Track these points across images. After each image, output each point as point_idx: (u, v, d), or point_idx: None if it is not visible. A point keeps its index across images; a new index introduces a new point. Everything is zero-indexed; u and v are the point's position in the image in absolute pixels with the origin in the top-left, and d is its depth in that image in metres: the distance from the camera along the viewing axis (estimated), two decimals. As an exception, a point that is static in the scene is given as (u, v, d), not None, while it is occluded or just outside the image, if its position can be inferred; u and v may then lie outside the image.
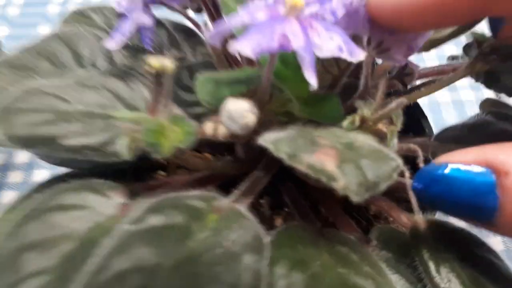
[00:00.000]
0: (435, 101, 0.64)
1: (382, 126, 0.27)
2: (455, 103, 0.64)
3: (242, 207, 0.25)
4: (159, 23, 0.39)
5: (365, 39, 0.28)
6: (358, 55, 0.24)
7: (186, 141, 0.25)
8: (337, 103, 0.32)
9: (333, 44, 0.24)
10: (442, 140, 0.30)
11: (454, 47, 0.61)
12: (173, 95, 0.35)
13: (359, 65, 0.35)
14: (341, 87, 0.34)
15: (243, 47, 0.22)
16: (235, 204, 0.25)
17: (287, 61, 0.32)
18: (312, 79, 0.23)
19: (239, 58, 0.35)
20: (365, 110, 0.26)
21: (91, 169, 0.33)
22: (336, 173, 0.20)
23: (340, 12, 0.26)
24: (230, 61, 0.37)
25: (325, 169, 0.21)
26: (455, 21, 0.25)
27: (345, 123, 0.26)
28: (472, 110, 0.63)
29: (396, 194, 0.38)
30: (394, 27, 0.27)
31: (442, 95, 0.65)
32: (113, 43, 0.29)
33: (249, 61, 0.35)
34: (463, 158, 0.22)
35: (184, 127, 0.25)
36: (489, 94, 0.44)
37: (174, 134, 0.25)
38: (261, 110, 0.27)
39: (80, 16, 0.38)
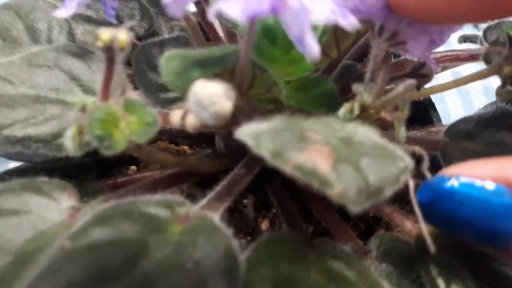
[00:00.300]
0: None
1: (386, 115, 0.23)
2: (460, 91, 0.59)
3: (215, 215, 0.20)
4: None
5: (376, 27, 0.23)
6: (351, 20, 0.20)
7: (144, 133, 0.20)
8: (332, 89, 0.27)
9: (325, 7, 0.19)
10: (455, 135, 0.26)
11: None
12: (141, 77, 0.30)
13: (363, 49, 0.30)
14: (338, 71, 0.29)
15: (231, 8, 0.17)
16: (207, 210, 0.21)
17: (274, 35, 0.27)
18: (313, 48, 0.18)
19: (219, 32, 0.30)
20: (365, 95, 0.21)
21: (45, 163, 0.29)
22: (330, 177, 0.16)
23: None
24: (211, 36, 0.32)
25: (317, 171, 0.16)
26: (501, 13, 0.20)
27: (342, 111, 0.21)
28: (477, 99, 0.58)
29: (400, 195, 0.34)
30: (423, 20, 0.22)
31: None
32: (65, 11, 0.24)
33: (231, 36, 0.30)
34: (478, 172, 0.18)
35: (142, 116, 0.20)
36: (497, 81, 0.40)
37: (130, 125, 0.20)
38: (241, 95, 0.22)
39: (37, -17, 0.33)
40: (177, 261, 0.17)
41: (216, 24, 0.31)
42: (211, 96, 0.17)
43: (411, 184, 0.19)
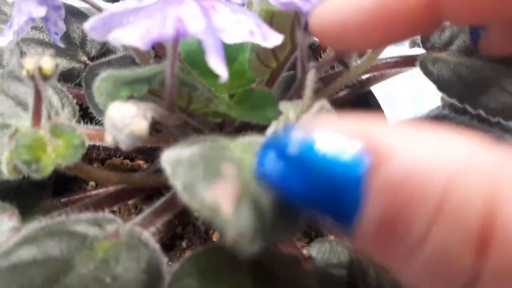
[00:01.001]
0: (391, 90, 0.59)
1: None
2: (412, 92, 0.59)
3: (146, 231, 0.21)
4: (80, 13, 0.34)
5: (302, 20, 0.23)
6: (273, 39, 0.20)
7: (71, 156, 0.21)
8: (272, 100, 0.27)
9: (241, 27, 0.20)
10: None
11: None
12: (90, 96, 0.30)
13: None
14: (281, 82, 0.29)
15: (128, 36, 0.18)
16: (139, 227, 0.21)
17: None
18: (219, 69, 0.19)
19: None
20: (290, 112, 0.21)
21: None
22: (229, 219, 0.16)
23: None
24: (159, 53, 0.33)
25: (219, 212, 0.16)
26: (405, 34, 0.22)
27: (268, 130, 0.22)
28: (430, 100, 0.58)
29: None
30: (342, 49, 0.24)
31: (398, 84, 0.59)
32: (3, 40, 0.25)
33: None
34: (334, 126, 0.14)
35: (69, 140, 0.21)
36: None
37: (56, 148, 0.20)
38: (171, 112, 0.23)
39: (-10, 9, 0.34)
40: (97, 276, 0.18)
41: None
42: (124, 118, 0.18)
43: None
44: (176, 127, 0.25)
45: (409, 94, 0.57)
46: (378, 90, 0.58)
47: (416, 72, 0.53)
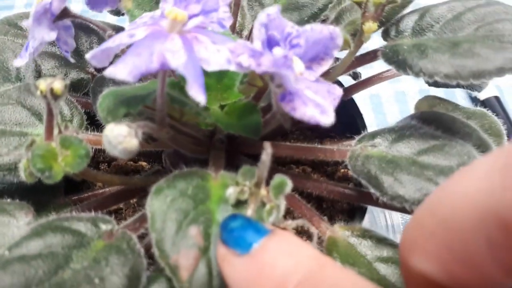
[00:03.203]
0: (376, 94, 0.61)
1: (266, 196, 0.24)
2: (398, 94, 0.61)
3: (135, 235, 0.24)
4: (88, 28, 0.38)
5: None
6: (247, 66, 0.23)
7: (77, 164, 0.24)
8: (257, 112, 0.31)
9: (221, 56, 0.23)
10: (360, 141, 0.29)
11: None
12: (96, 106, 0.34)
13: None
14: (267, 95, 0.33)
15: (119, 72, 0.21)
16: (131, 230, 0.25)
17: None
18: (198, 96, 0.22)
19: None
20: (247, 183, 0.24)
21: (18, 184, 0.33)
22: (183, 284, 0.21)
23: (228, 22, 0.25)
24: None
25: (178, 275, 0.21)
26: None
27: (231, 200, 0.24)
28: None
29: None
30: None
31: (384, 86, 0.61)
32: (20, 61, 0.29)
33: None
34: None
35: (76, 150, 0.24)
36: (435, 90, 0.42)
37: (65, 158, 0.24)
38: (162, 127, 0.26)
39: (8, 25, 0.37)
40: (88, 275, 0.21)
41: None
42: (117, 137, 0.21)
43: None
44: (168, 138, 0.28)
45: (394, 96, 0.60)
46: (365, 93, 0.60)
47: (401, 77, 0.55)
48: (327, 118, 0.22)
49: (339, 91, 0.25)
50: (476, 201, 0.16)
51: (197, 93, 0.22)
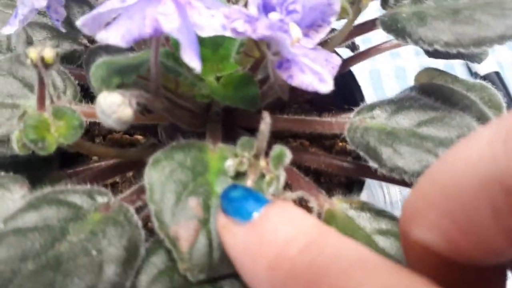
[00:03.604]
0: (376, 69, 0.60)
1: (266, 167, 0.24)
2: (397, 70, 0.60)
3: (132, 207, 0.24)
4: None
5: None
6: (242, 31, 0.23)
7: (71, 135, 0.24)
8: (253, 83, 0.30)
9: (215, 22, 0.22)
10: (359, 114, 0.29)
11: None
12: (89, 77, 0.34)
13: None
14: (263, 67, 0.32)
15: (111, 36, 0.21)
16: (128, 202, 0.25)
17: (200, 38, 0.30)
18: (192, 62, 0.21)
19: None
20: (245, 154, 0.24)
21: (12, 158, 0.33)
22: (183, 256, 0.21)
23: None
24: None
25: (177, 246, 0.21)
26: None
27: (230, 172, 0.24)
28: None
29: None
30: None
31: (383, 62, 0.61)
32: (10, 29, 0.28)
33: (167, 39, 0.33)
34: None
35: (69, 121, 0.24)
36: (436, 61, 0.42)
37: (59, 129, 0.24)
38: (157, 97, 0.26)
39: (-1, -5, 0.36)
40: (85, 248, 0.21)
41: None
42: (111, 106, 0.21)
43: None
44: (163, 109, 0.27)
45: (393, 71, 0.59)
46: (364, 68, 0.60)
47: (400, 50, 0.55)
48: (326, 86, 0.22)
49: (337, 60, 0.25)
50: (479, 170, 0.16)
51: (191, 59, 0.21)
